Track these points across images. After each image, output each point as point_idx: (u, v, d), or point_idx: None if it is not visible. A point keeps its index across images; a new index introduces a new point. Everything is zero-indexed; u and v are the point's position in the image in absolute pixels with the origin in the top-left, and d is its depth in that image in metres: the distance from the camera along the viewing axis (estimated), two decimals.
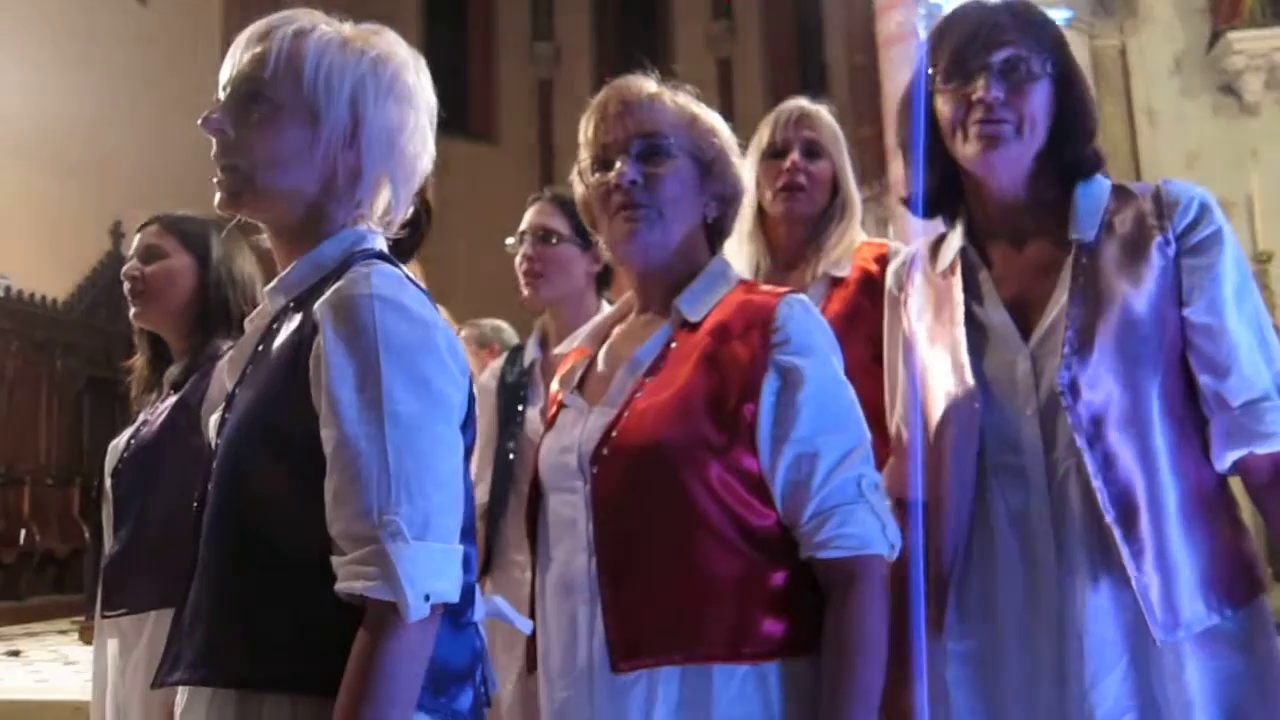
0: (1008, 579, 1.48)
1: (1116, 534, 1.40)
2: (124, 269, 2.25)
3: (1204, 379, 1.46)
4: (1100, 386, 1.43)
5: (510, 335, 4.30)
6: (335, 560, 1.12)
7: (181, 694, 1.27)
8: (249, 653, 1.16)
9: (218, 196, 1.28)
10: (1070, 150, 1.55)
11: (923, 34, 8.44)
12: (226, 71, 1.29)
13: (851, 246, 2.20)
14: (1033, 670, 1.45)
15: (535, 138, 17.47)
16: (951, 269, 1.60)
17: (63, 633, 9.26)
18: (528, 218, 2.44)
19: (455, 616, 1.20)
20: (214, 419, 1.32)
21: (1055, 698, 1.43)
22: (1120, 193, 1.55)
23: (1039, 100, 1.52)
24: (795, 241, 2.24)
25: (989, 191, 1.58)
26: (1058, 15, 1.60)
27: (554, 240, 2.38)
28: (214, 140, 1.27)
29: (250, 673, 1.16)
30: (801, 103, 2.28)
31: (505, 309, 4.54)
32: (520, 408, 2.45)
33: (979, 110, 1.51)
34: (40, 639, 9.03)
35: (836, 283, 2.16)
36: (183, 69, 12.25)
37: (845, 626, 1.31)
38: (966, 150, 1.53)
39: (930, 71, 1.58)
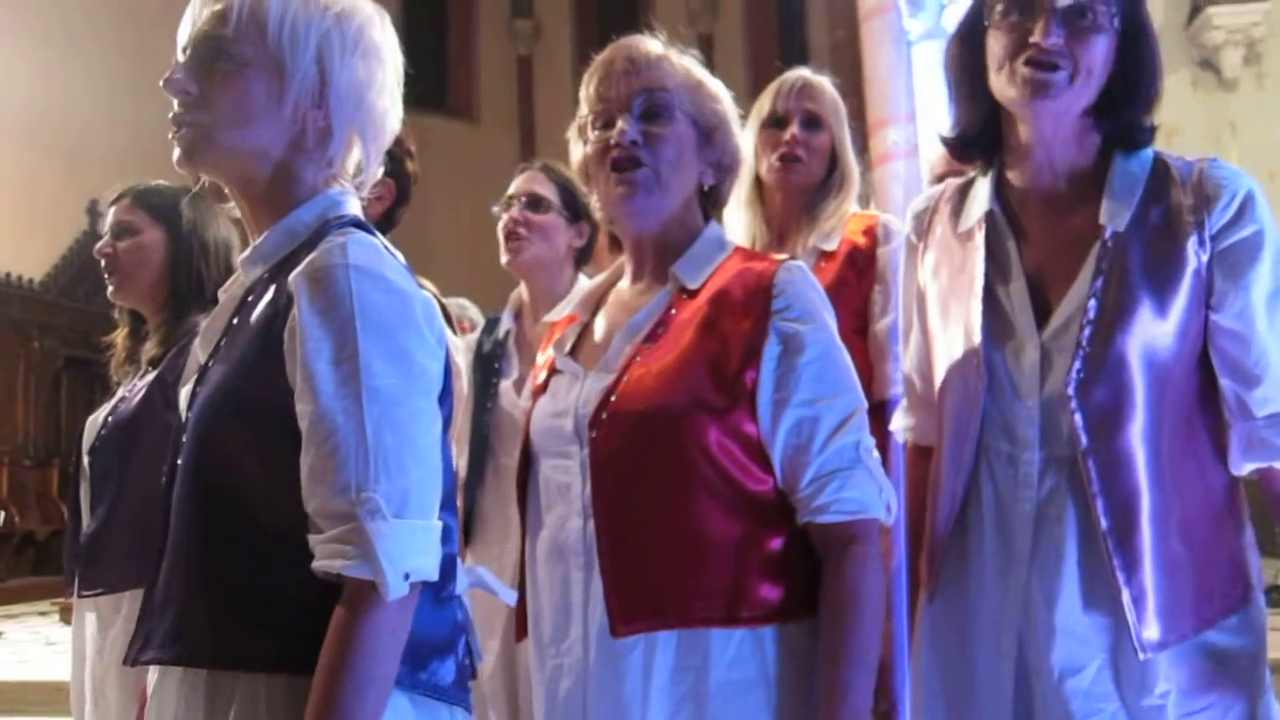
0: (982, 561, 1.48)
1: (1109, 543, 1.37)
2: (97, 246, 2.24)
3: (1227, 383, 1.42)
4: (1111, 391, 1.39)
5: (475, 313, 4.30)
6: (312, 538, 1.10)
7: (153, 672, 1.25)
8: (220, 631, 1.14)
9: (175, 153, 1.24)
10: (1124, 115, 1.46)
11: (903, 8, 8.41)
12: (185, 32, 1.26)
13: (843, 219, 2.21)
14: (995, 653, 1.45)
15: (515, 115, 17.37)
16: (978, 226, 1.53)
17: (43, 614, 9.20)
18: (517, 183, 2.43)
19: (436, 590, 1.19)
20: (185, 391, 1.30)
21: (1022, 686, 1.43)
22: (1161, 172, 1.46)
23: (1099, 51, 1.42)
24: (791, 211, 2.24)
25: (1028, 143, 1.49)
26: None
27: (543, 208, 2.37)
28: (175, 101, 1.23)
29: (221, 651, 1.14)
30: (804, 73, 2.27)
31: (483, 286, 4.53)
32: (495, 380, 2.43)
33: (1032, 51, 1.41)
34: (20, 620, 8.99)
35: (824, 255, 2.16)
36: (158, 46, 12.02)
37: (843, 589, 1.32)
38: (1011, 91, 1.44)
39: (985, 5, 1.48)
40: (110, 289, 2.24)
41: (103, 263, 2.22)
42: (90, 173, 11.56)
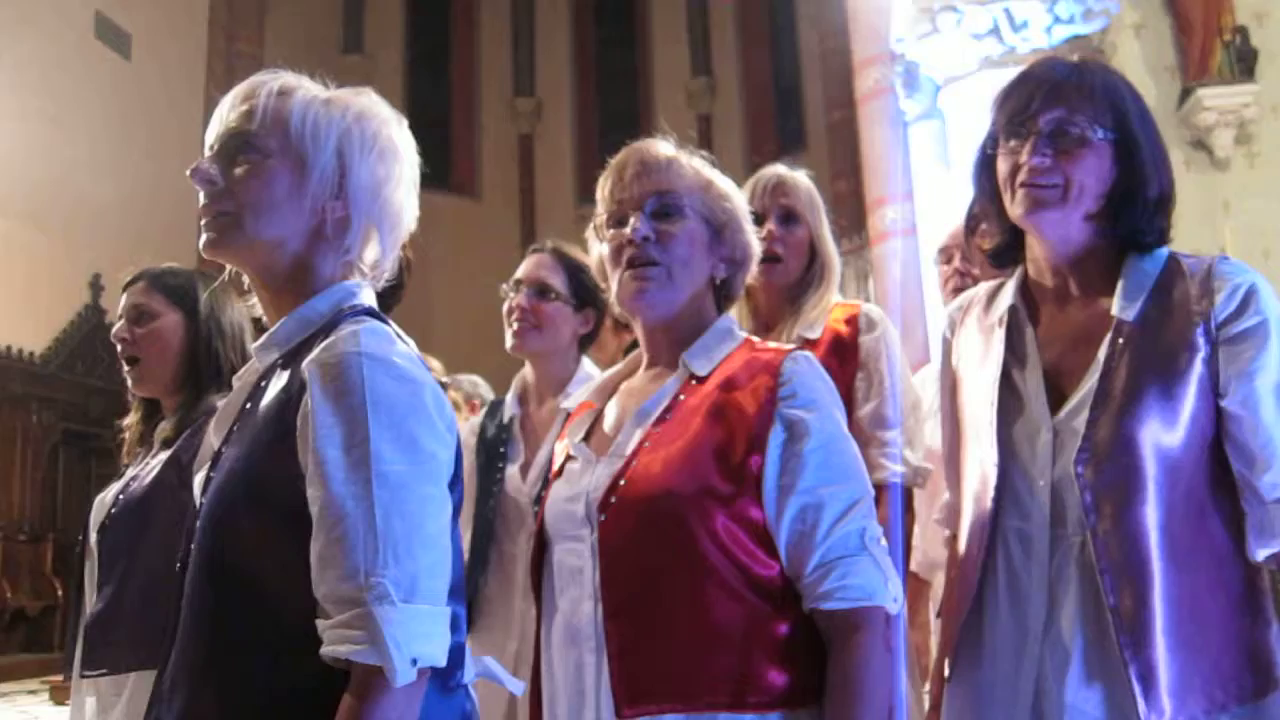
0: (996, 638, 1.51)
1: (1115, 620, 1.39)
2: (114, 331, 2.22)
3: (1239, 469, 1.46)
4: (1118, 471, 1.43)
5: (485, 391, 4.29)
6: (321, 623, 1.11)
7: None
8: (227, 718, 1.14)
9: (203, 239, 1.29)
10: (1128, 219, 1.53)
11: (899, 90, 8.58)
12: (214, 130, 1.31)
13: (826, 309, 2.26)
14: None
15: (516, 191, 17.59)
16: (1000, 322, 1.61)
17: (32, 692, 9.07)
18: (525, 268, 2.43)
19: (444, 678, 1.19)
20: (199, 478, 1.31)
21: None
22: (1172, 268, 1.53)
23: (1089, 165, 1.51)
24: (775, 305, 2.30)
25: (1040, 250, 1.59)
26: None
27: (551, 296, 2.38)
28: (202, 192, 1.28)
29: None
30: (778, 170, 2.33)
31: (486, 361, 4.55)
32: (500, 465, 2.42)
33: (1024, 173, 1.52)
34: (9, 699, 8.84)
35: (807, 344, 2.19)
36: (164, 123, 12.28)
37: (846, 677, 1.32)
38: (1014, 210, 1.55)
39: (993, 130, 1.59)
40: (131, 381, 2.21)
41: (119, 347, 2.20)
42: (92, 247, 11.67)
